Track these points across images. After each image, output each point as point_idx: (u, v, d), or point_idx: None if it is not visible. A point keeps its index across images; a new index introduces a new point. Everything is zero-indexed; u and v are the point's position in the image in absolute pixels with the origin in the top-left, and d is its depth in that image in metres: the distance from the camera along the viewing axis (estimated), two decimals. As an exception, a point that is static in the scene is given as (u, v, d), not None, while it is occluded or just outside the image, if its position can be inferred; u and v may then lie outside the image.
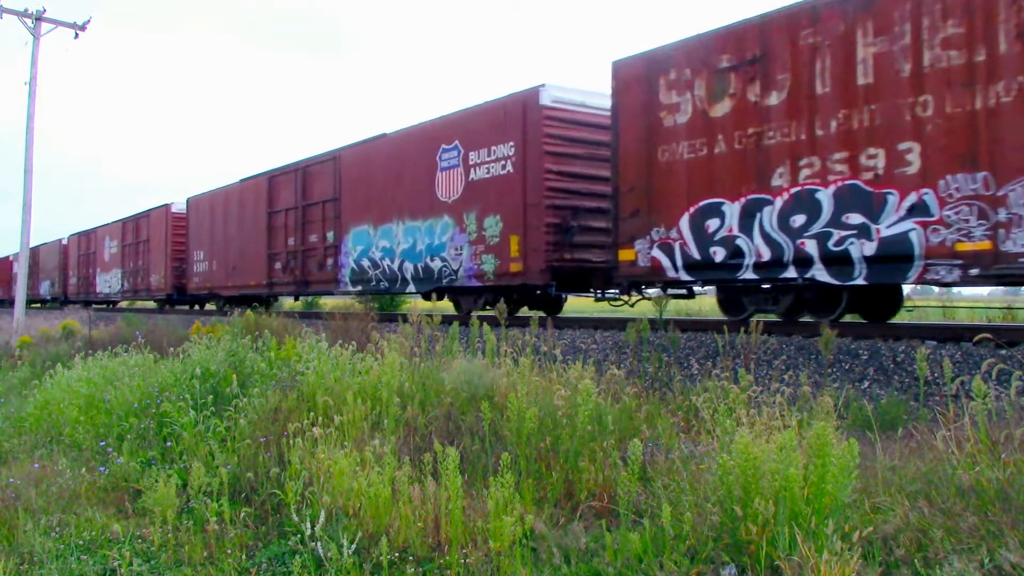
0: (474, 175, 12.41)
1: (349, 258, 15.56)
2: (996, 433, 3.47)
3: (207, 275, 22.18)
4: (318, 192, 16.79)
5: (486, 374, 5.51)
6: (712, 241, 8.90)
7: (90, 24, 21.09)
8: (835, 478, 2.93)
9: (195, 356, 6.55)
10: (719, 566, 3.03)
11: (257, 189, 19.44)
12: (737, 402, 4.22)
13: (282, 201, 18.17)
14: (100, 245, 31.89)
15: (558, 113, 11.64)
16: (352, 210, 15.57)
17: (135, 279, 27.86)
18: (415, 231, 13.76)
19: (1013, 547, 2.71)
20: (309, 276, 17.04)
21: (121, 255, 29.25)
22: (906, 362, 6.92)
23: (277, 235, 18.30)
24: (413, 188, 13.87)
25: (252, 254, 19.37)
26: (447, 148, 13.02)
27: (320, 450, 4.23)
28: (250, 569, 3.58)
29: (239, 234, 20.26)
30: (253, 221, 19.41)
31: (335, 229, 16.01)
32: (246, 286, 19.82)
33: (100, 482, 4.86)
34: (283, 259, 17.97)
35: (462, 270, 12.58)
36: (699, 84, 9.10)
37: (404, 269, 14.03)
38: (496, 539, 3.24)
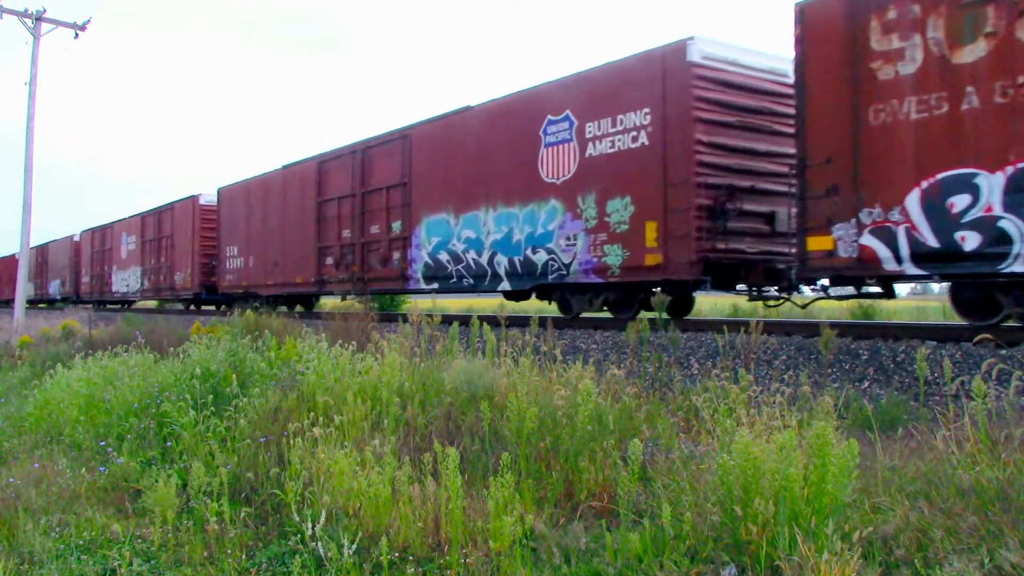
0: (592, 150, 10.44)
1: (422, 251, 13.71)
2: (996, 433, 3.47)
3: (242, 273, 20.35)
4: (381, 177, 14.92)
5: (486, 374, 5.50)
6: (958, 224, 7.03)
7: (90, 24, 21.10)
8: (835, 478, 2.93)
9: (195, 356, 6.55)
10: (719, 566, 3.03)
11: (304, 176, 17.48)
12: (737, 402, 4.22)
13: (335, 188, 16.30)
14: (116, 241, 30.02)
15: (710, 72, 9.57)
16: (426, 196, 13.67)
17: (157, 278, 26.06)
18: (510, 219, 11.80)
19: (1013, 547, 2.71)
20: (369, 273, 15.18)
21: (140, 252, 27.49)
22: (906, 362, 6.92)
23: (329, 227, 16.43)
24: (508, 168, 11.89)
25: (298, 249, 17.54)
26: (555, 120, 11.06)
27: (320, 450, 4.23)
28: (250, 569, 3.58)
29: (282, 227, 18.45)
30: (299, 211, 17.56)
31: (403, 219, 14.18)
32: (290, 284, 17.97)
33: (100, 482, 4.86)
34: (336, 254, 16.15)
35: (576, 264, 10.64)
36: (934, 23, 7.18)
37: (496, 263, 12.12)
38: (496, 539, 3.24)
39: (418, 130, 14.17)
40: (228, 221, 21.31)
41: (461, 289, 13.29)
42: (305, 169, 17.58)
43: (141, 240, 27.47)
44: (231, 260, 21.00)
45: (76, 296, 34.74)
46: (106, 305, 32.69)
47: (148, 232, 26.99)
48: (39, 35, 20.47)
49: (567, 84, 11.18)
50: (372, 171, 15.27)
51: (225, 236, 21.43)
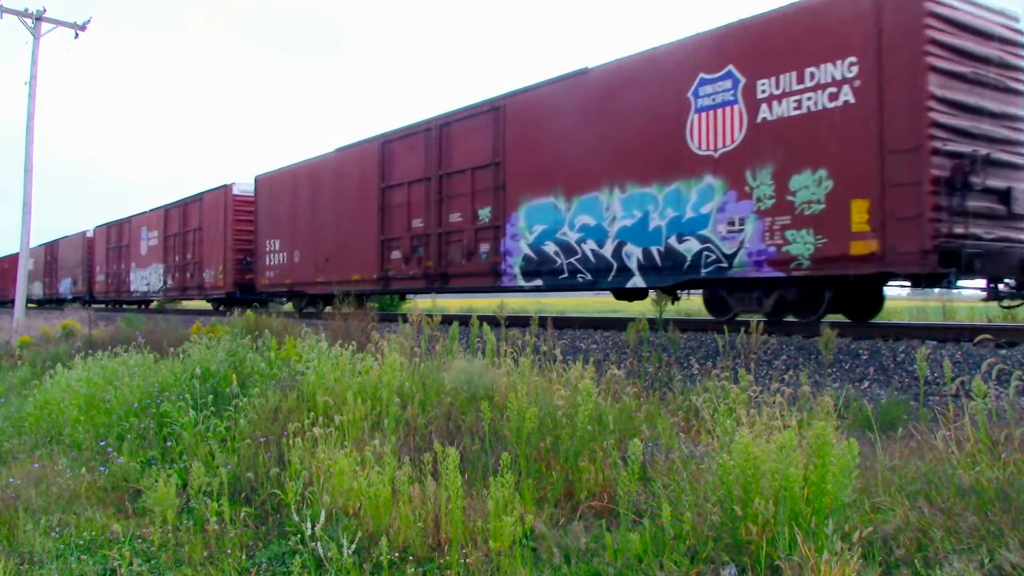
0: (767, 113, 8.51)
1: (520, 242, 11.59)
2: (996, 433, 3.47)
3: (286, 269, 17.98)
4: (464, 156, 12.80)
5: (486, 374, 5.50)
6: None
7: (90, 24, 21.11)
8: (835, 478, 2.93)
9: (195, 356, 6.55)
10: (719, 566, 3.03)
11: (364, 159, 15.32)
12: (737, 402, 4.22)
13: (403, 171, 14.22)
14: (135, 237, 27.54)
15: (942, 8, 7.65)
16: (525, 178, 11.55)
17: (182, 275, 23.61)
18: (645, 201, 9.80)
19: (1013, 547, 2.71)
20: (450, 267, 13.09)
21: (163, 248, 25.02)
22: (906, 362, 6.92)
23: (395, 216, 14.33)
24: (641, 141, 9.86)
25: (356, 241, 15.37)
26: (709, 79, 9.10)
27: (320, 450, 4.23)
28: (250, 569, 3.58)
29: (335, 217, 16.17)
30: (358, 199, 15.36)
31: (494, 204, 12.04)
32: (346, 282, 15.70)
33: (100, 482, 4.86)
34: (405, 246, 14.08)
35: (743, 254, 8.63)
36: None
37: (625, 255, 10.04)
38: (496, 539, 3.24)
39: (515, 100, 11.95)
40: (268, 212, 18.95)
41: (575, 286, 11.06)
42: (365, 151, 15.33)
43: (164, 235, 25.07)
44: (272, 255, 18.59)
45: (89, 296, 32.48)
46: (122, 306, 30.71)
47: (172, 226, 24.52)
48: (39, 35, 20.48)
49: (729, 34, 9.03)
50: (452, 150, 13.11)
51: (264, 229, 19.04)
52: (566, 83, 11.16)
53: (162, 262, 25.17)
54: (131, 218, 28.35)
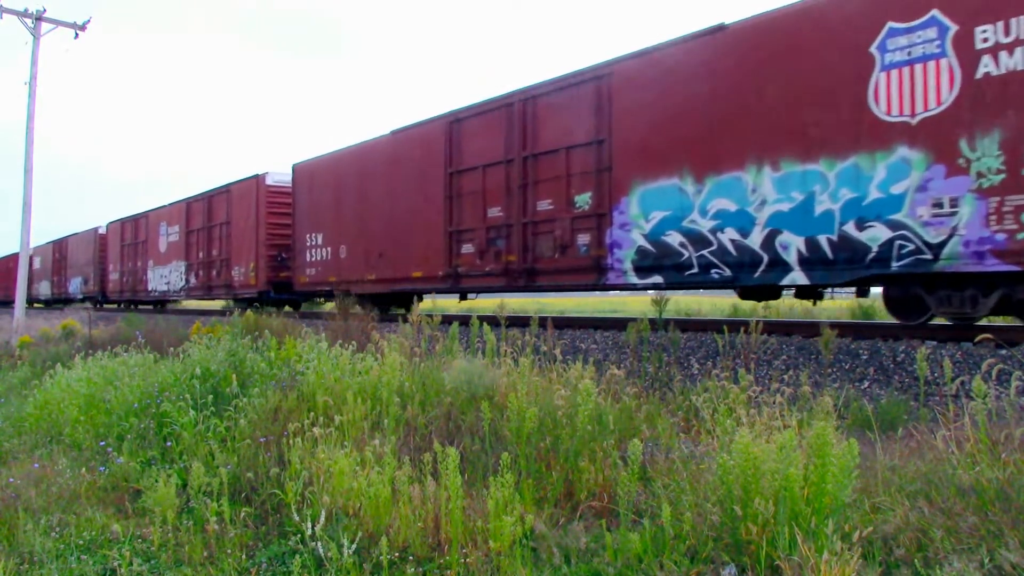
0: (991, 67, 6.90)
1: (631, 232, 9.91)
2: (996, 433, 3.47)
3: (331, 265, 16.22)
4: (557, 134, 11.09)
5: (486, 374, 5.51)
6: None
7: (90, 24, 21.11)
8: (835, 478, 2.93)
9: (195, 356, 6.55)
10: (719, 566, 3.03)
11: (427, 141, 13.56)
12: (737, 402, 4.22)
13: (477, 154, 12.44)
14: (153, 233, 25.83)
15: None
16: (640, 156, 9.84)
17: (207, 273, 21.88)
18: (808, 180, 8.20)
19: (1013, 547, 2.71)
20: (538, 263, 11.33)
21: (184, 244, 23.28)
22: (906, 362, 6.92)
23: (467, 205, 12.59)
24: (802, 108, 8.24)
25: (417, 234, 13.65)
26: (903, 28, 7.48)
27: (320, 450, 4.23)
28: (250, 569, 3.58)
29: (390, 207, 14.41)
30: (419, 187, 13.68)
31: (597, 189, 10.40)
32: (404, 279, 14.07)
33: (100, 482, 4.86)
34: (480, 239, 12.32)
35: (956, 243, 7.12)
36: None
37: (779, 245, 8.43)
38: (496, 539, 3.24)
39: (626, 67, 10.19)
40: (308, 203, 17.16)
41: (709, 283, 9.24)
42: (428, 133, 13.55)
43: (185, 230, 23.21)
44: (313, 251, 16.82)
45: (102, 295, 30.92)
46: (137, 306, 29.26)
47: (195, 220, 22.71)
48: (39, 35, 20.49)
49: None
50: (540, 128, 11.37)
51: (304, 222, 17.27)
52: (696, 43, 9.33)
53: (184, 259, 23.44)
54: (148, 213, 26.57)
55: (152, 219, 26.06)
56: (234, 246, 20.48)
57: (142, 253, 26.96)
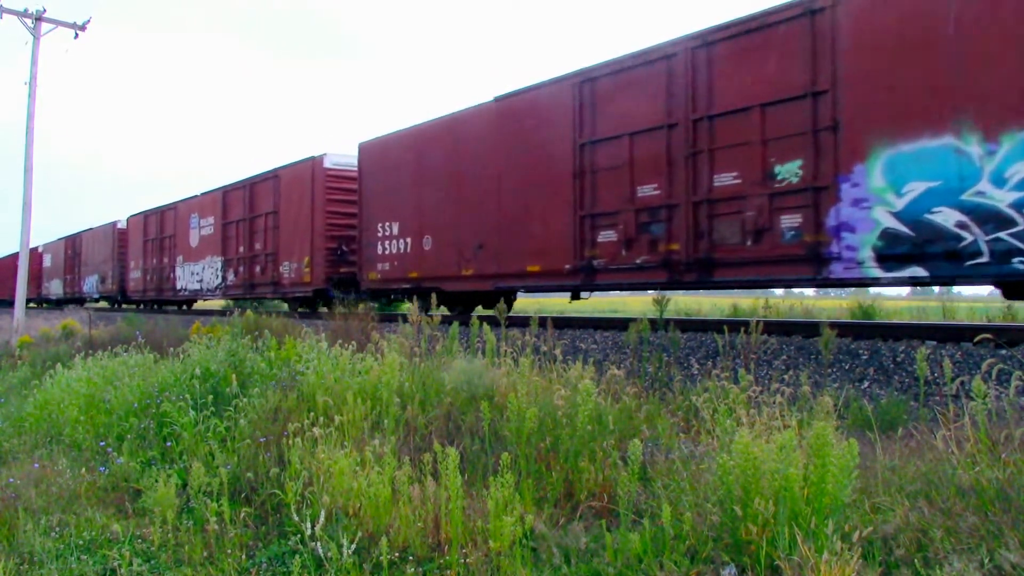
0: None
1: (874, 210, 7.72)
2: (996, 433, 3.47)
3: (408, 260, 13.98)
4: (745, 88, 8.78)
5: (486, 374, 5.51)
6: None
7: (90, 24, 21.12)
8: (835, 478, 2.93)
9: (195, 356, 6.55)
10: (719, 566, 3.03)
11: (545, 108, 11.26)
12: (737, 402, 4.22)
13: (620, 119, 10.10)
14: (182, 226, 23.59)
15: None
16: (886, 109, 7.63)
17: (249, 270, 19.59)
18: None
19: (1013, 547, 2.71)
20: (717, 251, 9.05)
21: (221, 237, 21.00)
22: (906, 362, 6.92)
23: (605, 182, 10.29)
24: None
25: (532, 220, 11.32)
26: None
27: (320, 450, 4.23)
28: (250, 569, 3.58)
29: (494, 189, 12.03)
30: (535, 163, 11.31)
31: (815, 155, 8.11)
32: (515, 275, 11.70)
33: (100, 482, 4.86)
34: (627, 224, 9.95)
35: None
36: None
37: None
38: (496, 539, 3.24)
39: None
40: (379, 188, 14.85)
41: (1003, 276, 7.08)
42: (548, 98, 11.29)
43: (222, 222, 20.97)
44: (386, 243, 14.59)
45: (121, 295, 28.84)
46: (163, 307, 27.44)
47: (234, 211, 20.44)
48: (39, 35, 20.49)
49: None
50: (718, 81, 9.09)
51: (374, 209, 14.97)
52: None
53: (219, 254, 21.11)
54: (176, 204, 24.36)
55: (181, 211, 23.81)
56: (283, 239, 18.04)
57: (170, 248, 24.67)
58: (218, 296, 21.70)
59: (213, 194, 21.84)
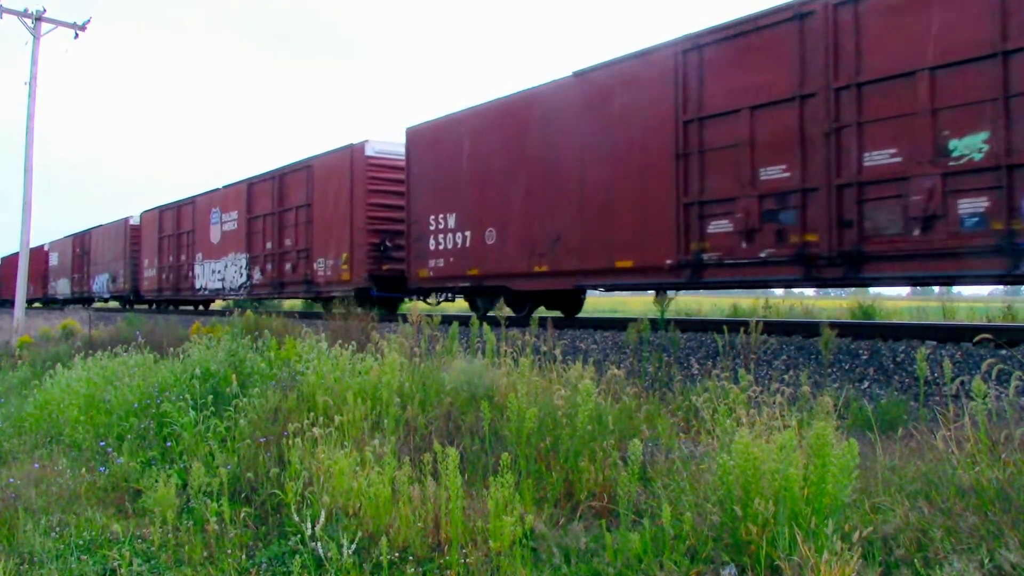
0: None
1: None
2: (996, 433, 3.47)
3: (469, 255, 12.55)
4: (906, 50, 7.42)
5: (486, 374, 5.51)
6: None
7: (90, 24, 21.13)
8: (835, 478, 2.93)
9: (195, 356, 6.55)
10: (719, 566, 3.03)
11: (639, 81, 9.88)
12: (737, 402, 4.22)
13: (735, 92, 8.78)
14: (202, 221, 22.28)
15: None
16: None
17: (278, 268, 18.26)
18: None
19: (1013, 547, 2.71)
20: (870, 243, 7.76)
21: (245, 233, 19.64)
22: (906, 362, 6.92)
23: (719, 164, 8.95)
24: None
25: (623, 209, 9.93)
26: None
27: (320, 450, 4.23)
28: (250, 569, 3.58)
29: (576, 174, 10.63)
30: (627, 144, 9.93)
31: (1010, 125, 6.80)
32: (601, 272, 10.34)
33: (100, 482, 4.87)
34: (748, 211, 8.60)
35: None
36: None
37: None
38: (496, 539, 3.24)
39: None
40: (432, 176, 13.52)
41: None
42: (643, 70, 9.87)
43: (247, 216, 19.60)
44: (440, 237, 13.24)
45: (134, 294, 27.57)
46: (178, 307, 26.47)
47: (260, 204, 19.08)
48: (39, 35, 20.48)
49: None
50: (867, 43, 7.76)
51: (425, 200, 13.63)
52: None
53: (244, 251, 19.72)
54: (195, 198, 23.00)
55: (201, 205, 22.48)
56: (317, 234, 16.71)
57: (188, 245, 23.27)
58: (242, 296, 20.25)
59: (237, 187, 20.55)
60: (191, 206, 23.33)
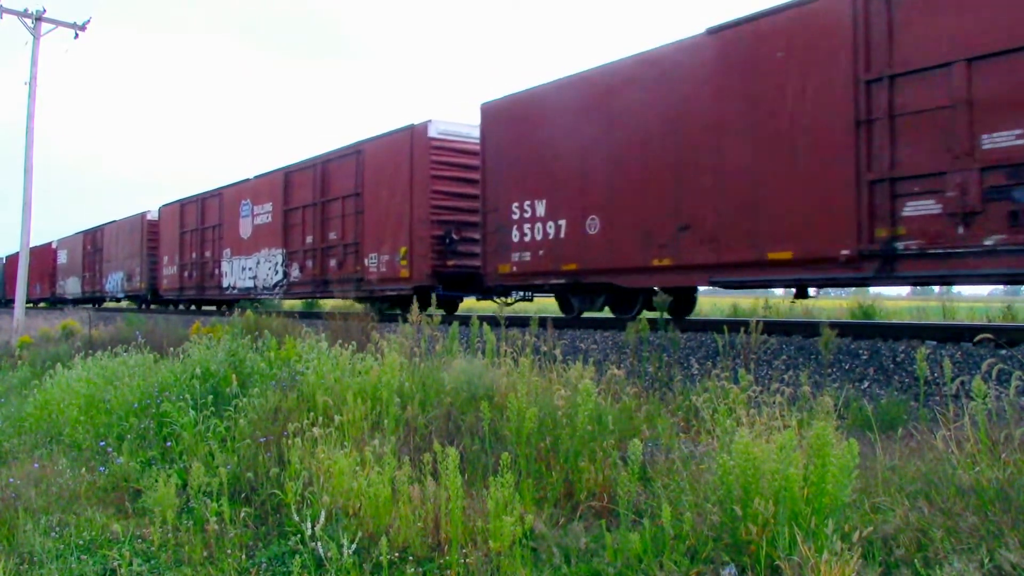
0: None
1: None
2: (996, 433, 3.47)
3: (565, 247, 10.94)
4: None
5: (486, 374, 5.51)
6: None
7: (90, 24, 21.13)
8: (835, 478, 2.93)
9: (195, 356, 6.55)
10: (719, 566, 3.03)
11: (789, 36, 8.35)
12: (737, 402, 4.22)
13: (938, 42, 7.16)
14: (230, 214, 20.50)
15: None
16: None
17: (320, 264, 16.60)
18: None
19: (1013, 547, 2.71)
20: None
21: (281, 226, 17.97)
22: (906, 362, 6.92)
23: (916, 131, 7.34)
24: None
25: (779, 189, 8.31)
26: None
27: (320, 450, 4.23)
28: (250, 569, 3.58)
29: (713, 149, 9.02)
30: (777, 112, 8.37)
31: None
32: (754, 264, 8.72)
33: (100, 482, 4.87)
34: (957, 189, 6.99)
35: None
36: None
37: None
38: (496, 539, 3.24)
39: None
40: (513, 158, 11.87)
41: None
42: (807, 19, 8.24)
43: (283, 208, 17.93)
44: (525, 227, 11.57)
45: (152, 294, 25.79)
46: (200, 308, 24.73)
47: (299, 195, 17.34)
48: (39, 35, 20.49)
49: None
50: None
51: (505, 186, 11.96)
52: None
53: (280, 246, 18.07)
54: (222, 190, 21.16)
55: (229, 197, 20.68)
56: (369, 226, 14.99)
57: (214, 240, 21.45)
58: (278, 295, 18.44)
59: (271, 176, 18.70)
60: (217, 198, 21.45)
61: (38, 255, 34.64)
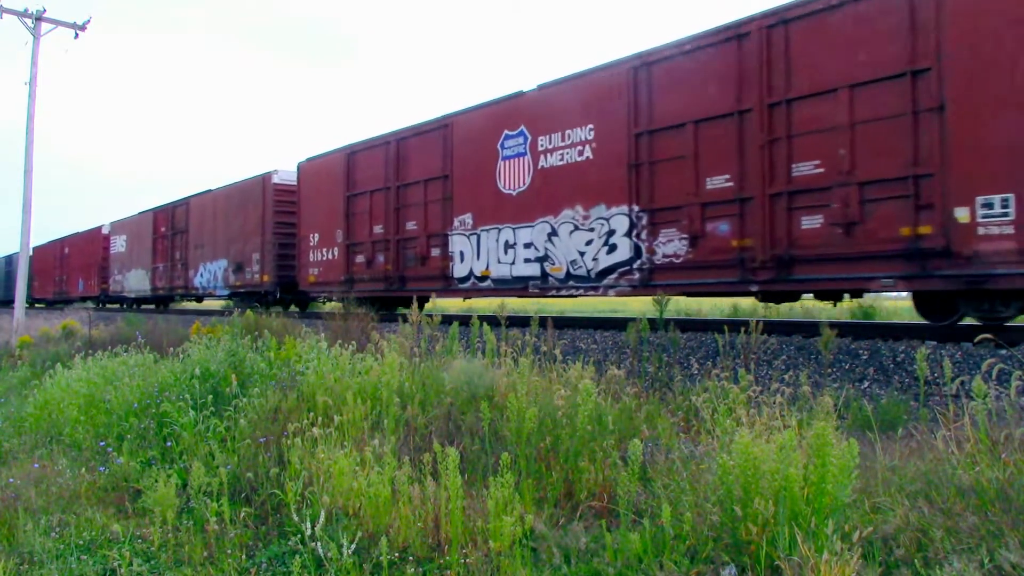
0: None
1: None
2: (996, 433, 3.47)
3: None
4: None
5: (486, 374, 5.51)
6: None
7: (90, 24, 21.13)
8: (835, 478, 2.93)
9: (195, 356, 6.55)
10: (719, 566, 3.03)
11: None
12: (737, 402, 4.22)
13: None
14: (480, 155, 12.07)
15: None
16: None
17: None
18: None
19: (1013, 547, 2.71)
20: None
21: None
22: (906, 362, 6.92)
23: None
24: None
25: None
26: None
27: (320, 450, 4.23)
28: (250, 569, 3.58)
29: None
30: None
31: None
32: None
33: (100, 482, 4.86)
34: None
35: None
36: None
37: None
38: (496, 539, 3.24)
39: None
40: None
41: None
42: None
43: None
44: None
45: (283, 290, 18.46)
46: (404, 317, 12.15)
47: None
48: (39, 35, 20.49)
49: None
50: None
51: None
52: None
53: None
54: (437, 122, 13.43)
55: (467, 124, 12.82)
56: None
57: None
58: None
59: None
60: (443, 129, 13.22)
61: (79, 244, 28.07)
